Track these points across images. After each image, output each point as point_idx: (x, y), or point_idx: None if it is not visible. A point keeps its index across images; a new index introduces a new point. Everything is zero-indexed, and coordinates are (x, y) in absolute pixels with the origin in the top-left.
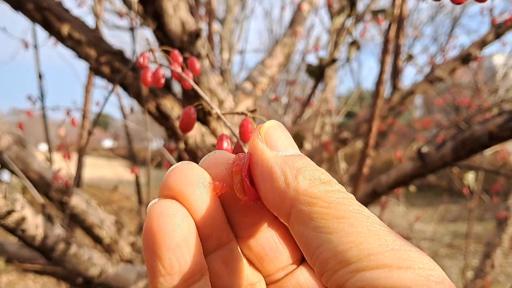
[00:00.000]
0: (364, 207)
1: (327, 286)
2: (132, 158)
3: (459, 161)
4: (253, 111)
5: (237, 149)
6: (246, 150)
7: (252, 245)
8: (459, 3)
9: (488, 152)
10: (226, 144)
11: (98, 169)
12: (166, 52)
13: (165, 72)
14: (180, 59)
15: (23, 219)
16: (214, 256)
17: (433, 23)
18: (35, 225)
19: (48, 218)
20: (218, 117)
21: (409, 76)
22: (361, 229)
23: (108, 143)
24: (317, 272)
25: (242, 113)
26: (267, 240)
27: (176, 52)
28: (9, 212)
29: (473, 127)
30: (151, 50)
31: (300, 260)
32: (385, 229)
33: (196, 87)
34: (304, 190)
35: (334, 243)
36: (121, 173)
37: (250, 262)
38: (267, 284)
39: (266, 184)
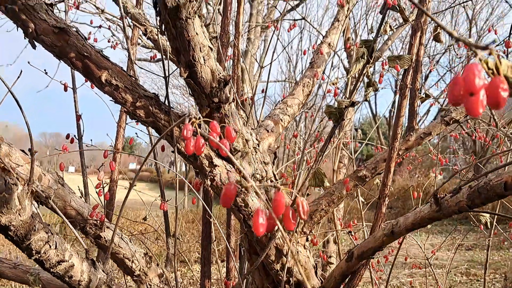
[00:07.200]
0: None
1: None
2: (162, 194)
3: (474, 208)
4: (284, 185)
5: (270, 220)
6: (278, 223)
7: None
8: (457, 104)
9: None
10: (261, 220)
11: (123, 191)
12: (198, 100)
13: (203, 140)
14: (218, 129)
15: (71, 267)
16: None
17: (449, 52)
18: (80, 270)
19: (92, 263)
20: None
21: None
22: None
23: (132, 165)
24: None
25: (275, 186)
26: None
27: (214, 123)
28: (59, 262)
29: (489, 177)
30: (192, 122)
31: None
32: None
33: (232, 158)
34: None
35: None
36: (145, 195)
37: None
38: None
39: None
